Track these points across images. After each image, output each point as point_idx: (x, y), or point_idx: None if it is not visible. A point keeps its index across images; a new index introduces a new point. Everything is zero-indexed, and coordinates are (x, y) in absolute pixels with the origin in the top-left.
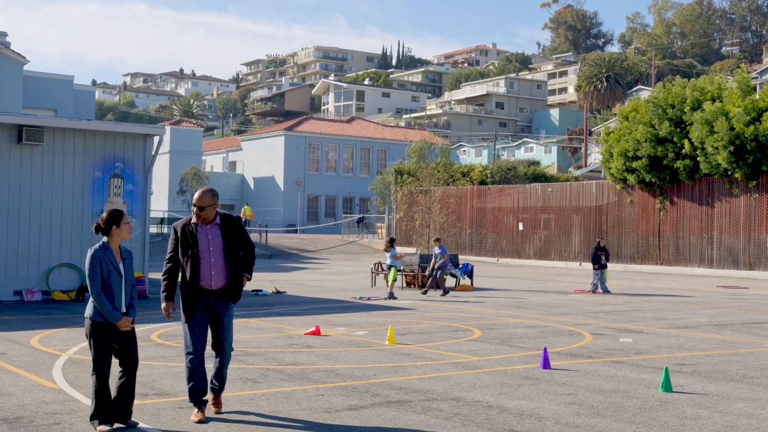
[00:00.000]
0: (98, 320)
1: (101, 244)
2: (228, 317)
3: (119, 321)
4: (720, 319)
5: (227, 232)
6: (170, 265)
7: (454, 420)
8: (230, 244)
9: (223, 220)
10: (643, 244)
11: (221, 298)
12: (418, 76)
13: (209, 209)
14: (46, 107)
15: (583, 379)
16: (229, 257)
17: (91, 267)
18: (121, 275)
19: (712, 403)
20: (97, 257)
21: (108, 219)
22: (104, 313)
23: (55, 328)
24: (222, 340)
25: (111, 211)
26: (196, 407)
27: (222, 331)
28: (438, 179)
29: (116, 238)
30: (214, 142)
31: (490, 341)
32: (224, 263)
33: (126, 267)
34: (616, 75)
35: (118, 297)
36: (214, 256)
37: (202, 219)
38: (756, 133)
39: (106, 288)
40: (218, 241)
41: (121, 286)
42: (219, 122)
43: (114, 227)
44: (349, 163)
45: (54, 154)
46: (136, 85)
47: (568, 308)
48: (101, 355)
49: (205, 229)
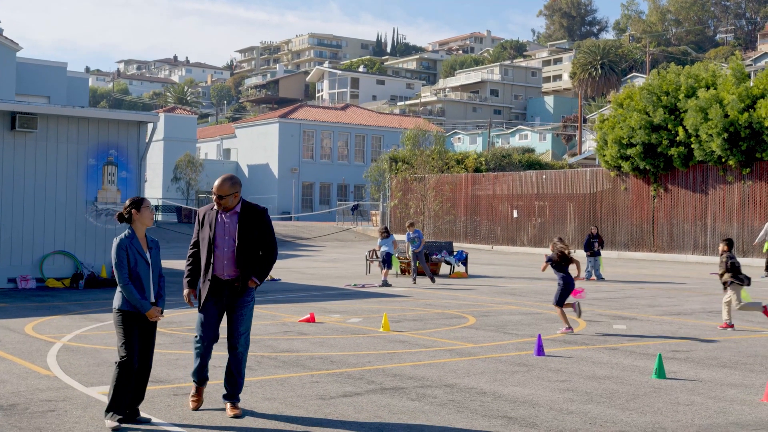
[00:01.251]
0: (127, 309)
1: (127, 233)
2: (244, 310)
3: (149, 310)
4: (713, 305)
5: (245, 222)
6: (193, 251)
7: (449, 407)
8: (245, 235)
9: (245, 209)
10: (637, 232)
11: (235, 290)
12: (413, 63)
13: (229, 198)
14: (39, 94)
15: (577, 366)
16: (241, 248)
17: (117, 256)
18: (149, 264)
19: (705, 389)
20: (123, 246)
21: (129, 204)
22: (133, 302)
23: (50, 315)
24: (235, 334)
25: (132, 198)
26: (195, 386)
27: (235, 325)
28: (432, 167)
29: (140, 226)
30: (208, 130)
31: (484, 328)
32: (234, 254)
33: (153, 256)
34: (610, 62)
35: (147, 286)
36: (228, 245)
37: (222, 207)
38: (750, 121)
39: (134, 277)
40: (234, 230)
41: (149, 276)
42: (213, 109)
43: (134, 212)
44: (343, 151)
45: (47, 142)
46: (129, 72)
47: None
48: (130, 342)
49: (225, 217)
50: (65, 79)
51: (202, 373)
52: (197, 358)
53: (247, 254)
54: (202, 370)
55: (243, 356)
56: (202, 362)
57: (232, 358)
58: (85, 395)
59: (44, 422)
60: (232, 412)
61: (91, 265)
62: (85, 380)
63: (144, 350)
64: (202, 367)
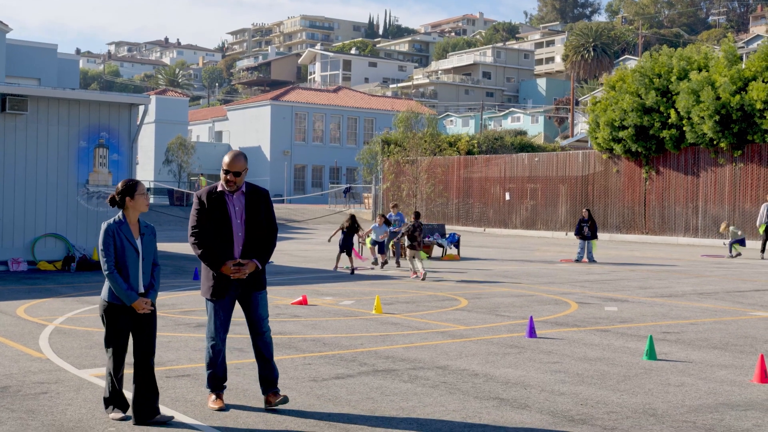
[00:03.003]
0: (113, 302)
1: (116, 218)
2: (263, 294)
3: (135, 302)
4: (704, 287)
5: (251, 203)
6: (200, 239)
7: (441, 388)
8: (253, 217)
9: (250, 189)
10: (629, 214)
11: (251, 276)
12: (405, 45)
13: (243, 174)
14: (29, 76)
15: (569, 348)
16: (250, 231)
17: (103, 243)
18: (138, 252)
19: (695, 370)
20: (110, 232)
21: (122, 190)
22: (118, 294)
23: (41, 298)
24: (257, 319)
25: (125, 181)
26: (214, 394)
27: (256, 310)
28: (425, 149)
29: (132, 212)
30: (200, 112)
31: (476, 310)
32: (244, 237)
33: (145, 243)
34: (603, 44)
35: (134, 276)
36: (241, 229)
37: (235, 187)
38: (742, 103)
39: (121, 266)
40: (242, 211)
41: (138, 264)
42: (205, 92)
43: (128, 199)
44: (335, 133)
45: (38, 124)
46: (120, 54)
47: (554, 277)
48: (115, 339)
49: (233, 198)
50: (55, 61)
51: (222, 374)
52: (214, 358)
53: (254, 236)
54: (221, 370)
55: (270, 339)
56: (220, 360)
57: (261, 344)
58: (78, 377)
59: (36, 404)
60: (276, 398)
61: (83, 248)
62: (77, 362)
63: (141, 338)
64: (221, 368)
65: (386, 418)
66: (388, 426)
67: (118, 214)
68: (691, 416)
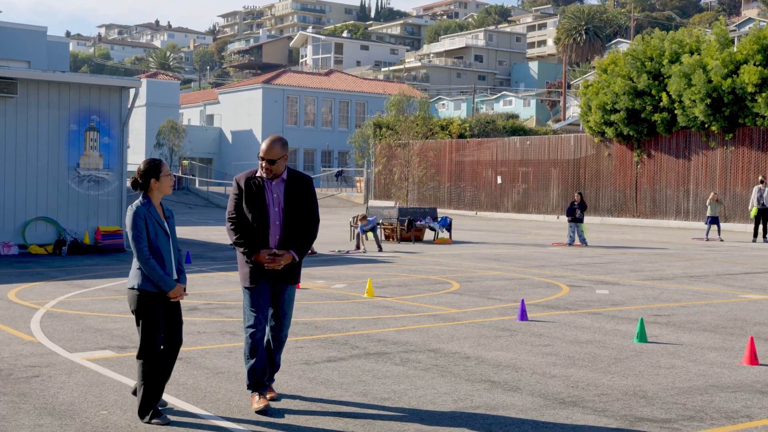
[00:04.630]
0: (148, 289)
1: (141, 200)
2: (291, 290)
3: (173, 289)
4: (694, 270)
5: (292, 191)
6: (236, 224)
7: (432, 371)
8: (292, 206)
9: (291, 176)
10: (620, 197)
11: (284, 268)
12: (397, 28)
13: (279, 162)
14: (19, 59)
15: (560, 331)
16: (289, 220)
17: (134, 226)
18: (168, 236)
19: (685, 352)
20: (141, 215)
21: (146, 171)
22: (156, 280)
23: (33, 281)
24: (281, 315)
25: (149, 161)
26: (257, 393)
27: (281, 306)
28: (417, 132)
29: (157, 194)
30: (191, 95)
31: (468, 293)
32: (282, 226)
33: (171, 226)
34: (595, 27)
35: (168, 261)
36: (278, 218)
37: (272, 174)
38: (733, 86)
39: (154, 251)
40: (281, 199)
41: (170, 248)
42: (196, 75)
43: (153, 180)
44: (327, 117)
45: (28, 107)
46: (111, 36)
47: (546, 261)
48: (153, 330)
49: (271, 185)
50: (45, 44)
51: (263, 371)
52: (253, 352)
53: (293, 226)
54: (261, 365)
55: (285, 339)
56: (260, 355)
57: (275, 342)
58: (69, 361)
59: (28, 388)
60: (269, 394)
61: (74, 232)
62: (69, 346)
63: (171, 327)
64: (261, 362)
65: (378, 401)
66: (380, 409)
67: (140, 198)
68: (681, 398)
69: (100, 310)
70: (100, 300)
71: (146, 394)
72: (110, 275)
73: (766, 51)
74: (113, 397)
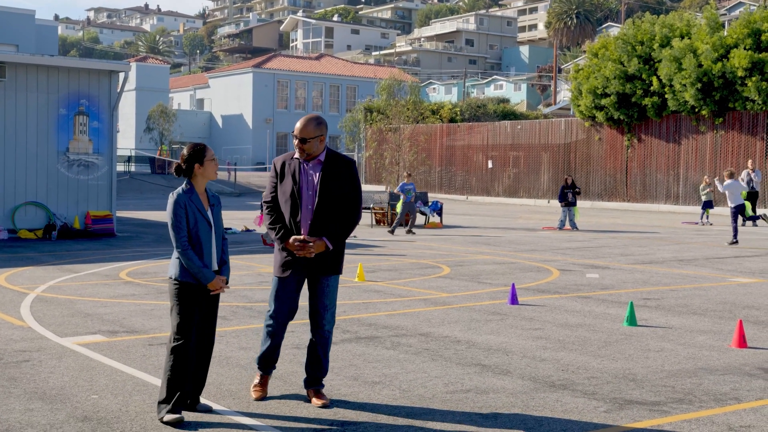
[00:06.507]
0: (186, 280)
1: (185, 186)
2: (330, 281)
3: (212, 281)
4: (684, 254)
5: (329, 173)
6: (271, 209)
7: (423, 355)
8: (328, 190)
9: (330, 158)
10: (610, 182)
11: (319, 257)
12: (388, 12)
13: (314, 142)
14: (7, 42)
15: (550, 314)
16: (323, 204)
17: (174, 215)
18: (211, 225)
19: (675, 335)
20: (182, 203)
21: (190, 156)
22: (194, 272)
23: (23, 266)
24: (320, 308)
25: (193, 145)
26: (259, 374)
27: (318, 298)
28: (407, 117)
29: (201, 180)
30: (181, 79)
31: (458, 278)
32: (315, 211)
33: (215, 214)
34: (586, 12)
35: (207, 252)
36: (311, 201)
37: (306, 155)
38: (723, 70)
39: (194, 241)
40: (316, 183)
41: (211, 239)
42: (186, 59)
43: (197, 166)
44: (318, 101)
45: (17, 91)
46: (100, 20)
47: (536, 245)
48: (186, 323)
49: (307, 167)
50: (34, 27)
51: (272, 356)
52: (267, 338)
53: (327, 212)
54: (272, 353)
55: (330, 335)
56: (273, 343)
57: (318, 338)
58: (60, 345)
59: (19, 372)
60: (318, 401)
61: (64, 216)
62: (59, 331)
63: (205, 328)
64: (273, 350)
65: (369, 385)
66: (371, 392)
67: (183, 184)
68: (670, 381)
69: (90, 294)
70: (91, 285)
71: (169, 384)
72: (100, 260)
73: (756, 35)
74: (104, 382)
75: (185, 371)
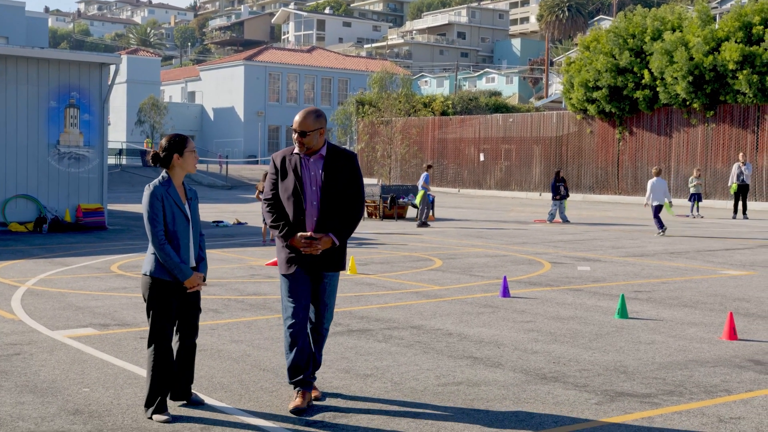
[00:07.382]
0: (162, 277)
1: (162, 178)
2: (332, 279)
3: (189, 278)
4: (675, 247)
5: (331, 168)
6: (271, 203)
7: (415, 348)
8: (331, 184)
9: (331, 152)
10: (602, 174)
11: (325, 253)
12: (380, 5)
13: (314, 135)
14: None
15: (542, 307)
16: (327, 200)
17: (150, 208)
18: (188, 219)
19: (666, 328)
20: (158, 195)
21: (168, 146)
22: (171, 268)
23: (13, 259)
24: (321, 306)
25: (172, 136)
26: (299, 388)
27: (320, 296)
28: (399, 110)
29: (179, 172)
30: (172, 72)
31: (450, 270)
32: (319, 207)
33: (192, 209)
34: (577, 4)
35: (185, 247)
36: (315, 197)
37: (306, 148)
38: (714, 63)
39: (171, 236)
40: (319, 178)
41: (189, 234)
42: (177, 51)
43: (176, 156)
44: (309, 94)
45: (7, 84)
46: (90, 12)
47: (528, 238)
48: (164, 321)
49: (309, 162)
50: (24, 20)
51: (302, 362)
52: (292, 343)
53: (332, 207)
54: (301, 357)
55: (327, 332)
56: (300, 345)
57: (315, 335)
58: (51, 339)
59: (9, 365)
60: (312, 393)
61: (55, 209)
62: (50, 324)
63: (187, 316)
64: (301, 354)
65: (361, 377)
66: (363, 385)
67: (161, 175)
68: (661, 373)
69: (81, 287)
70: (82, 278)
71: (152, 385)
72: (91, 253)
73: (747, 28)
74: (95, 375)
75: (167, 372)
